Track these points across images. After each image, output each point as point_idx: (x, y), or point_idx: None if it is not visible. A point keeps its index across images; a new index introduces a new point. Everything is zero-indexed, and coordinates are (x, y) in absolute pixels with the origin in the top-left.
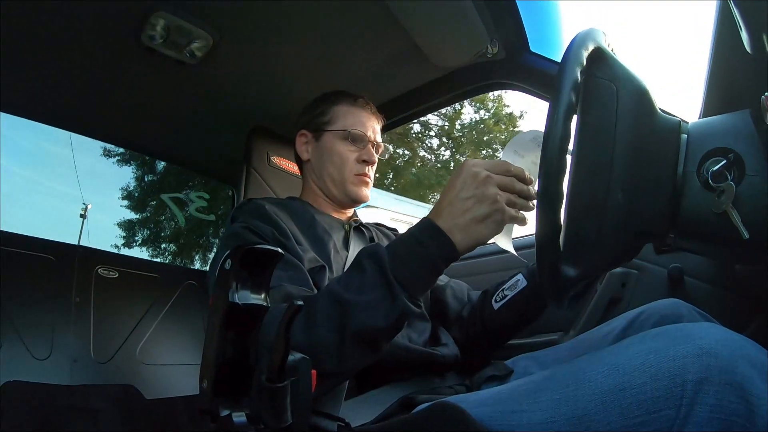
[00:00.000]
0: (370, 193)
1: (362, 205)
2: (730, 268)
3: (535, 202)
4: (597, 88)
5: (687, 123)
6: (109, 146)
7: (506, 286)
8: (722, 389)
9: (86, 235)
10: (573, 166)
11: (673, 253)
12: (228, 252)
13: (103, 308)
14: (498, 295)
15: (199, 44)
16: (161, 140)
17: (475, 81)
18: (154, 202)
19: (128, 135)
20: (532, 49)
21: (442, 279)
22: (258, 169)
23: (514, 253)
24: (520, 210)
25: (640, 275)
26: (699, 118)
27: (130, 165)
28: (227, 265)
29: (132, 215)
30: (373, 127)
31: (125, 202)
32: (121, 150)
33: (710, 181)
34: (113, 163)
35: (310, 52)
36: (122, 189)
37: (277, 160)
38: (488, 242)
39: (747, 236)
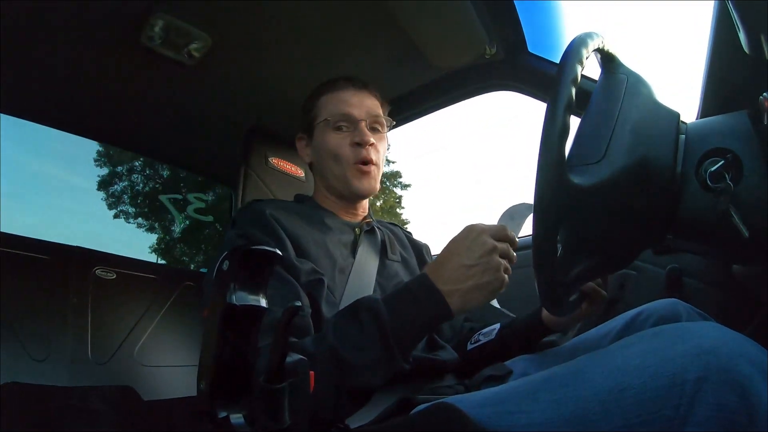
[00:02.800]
0: (377, 183)
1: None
2: (728, 269)
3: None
4: (611, 79)
5: (685, 123)
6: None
7: (484, 331)
8: (722, 388)
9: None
10: (576, 133)
11: (671, 254)
12: (226, 253)
13: (101, 309)
14: (474, 337)
15: (198, 45)
16: (159, 141)
17: (473, 82)
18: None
19: (126, 136)
20: (531, 50)
21: None
22: (256, 170)
23: (508, 313)
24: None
25: (638, 276)
26: (697, 118)
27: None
28: (225, 266)
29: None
30: (362, 103)
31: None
32: (140, 220)
33: (708, 182)
34: (135, 226)
35: (308, 53)
36: (150, 247)
37: (275, 161)
38: None
39: (747, 234)
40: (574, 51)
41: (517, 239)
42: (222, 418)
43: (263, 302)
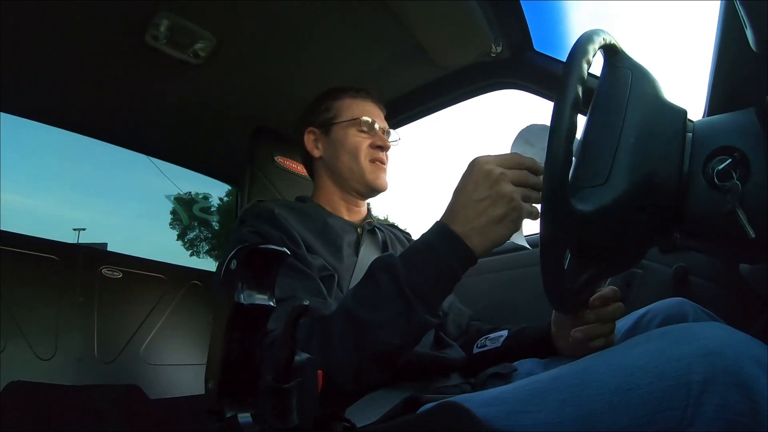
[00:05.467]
0: (386, 180)
1: None
2: (736, 268)
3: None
4: (615, 74)
5: (692, 122)
6: None
7: (491, 336)
8: (728, 389)
9: None
10: (579, 148)
11: (678, 253)
12: (233, 252)
13: (107, 308)
14: (481, 341)
15: (203, 45)
16: (165, 141)
17: (479, 80)
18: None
19: (132, 136)
20: (537, 48)
21: (447, 299)
22: (262, 170)
23: (528, 247)
24: (533, 203)
25: (644, 275)
26: (703, 116)
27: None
28: (233, 266)
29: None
30: (380, 117)
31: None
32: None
33: (716, 180)
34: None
35: (314, 52)
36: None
37: (281, 160)
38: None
39: (753, 235)
40: (580, 49)
41: (539, 165)
42: (229, 417)
43: (271, 301)
